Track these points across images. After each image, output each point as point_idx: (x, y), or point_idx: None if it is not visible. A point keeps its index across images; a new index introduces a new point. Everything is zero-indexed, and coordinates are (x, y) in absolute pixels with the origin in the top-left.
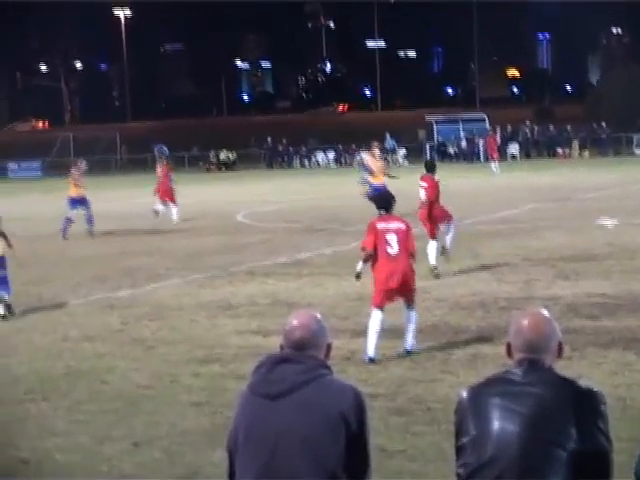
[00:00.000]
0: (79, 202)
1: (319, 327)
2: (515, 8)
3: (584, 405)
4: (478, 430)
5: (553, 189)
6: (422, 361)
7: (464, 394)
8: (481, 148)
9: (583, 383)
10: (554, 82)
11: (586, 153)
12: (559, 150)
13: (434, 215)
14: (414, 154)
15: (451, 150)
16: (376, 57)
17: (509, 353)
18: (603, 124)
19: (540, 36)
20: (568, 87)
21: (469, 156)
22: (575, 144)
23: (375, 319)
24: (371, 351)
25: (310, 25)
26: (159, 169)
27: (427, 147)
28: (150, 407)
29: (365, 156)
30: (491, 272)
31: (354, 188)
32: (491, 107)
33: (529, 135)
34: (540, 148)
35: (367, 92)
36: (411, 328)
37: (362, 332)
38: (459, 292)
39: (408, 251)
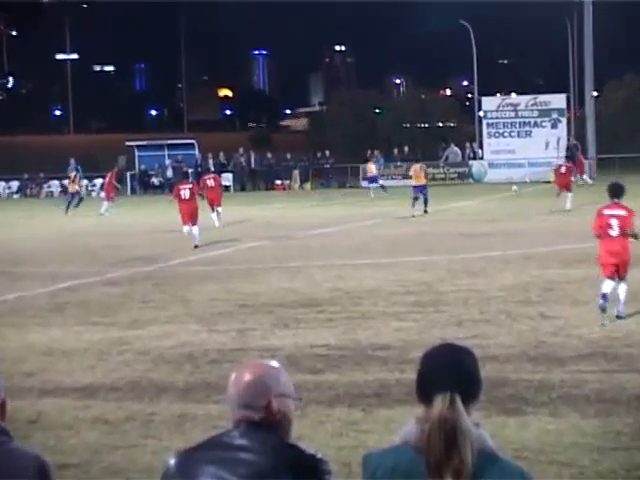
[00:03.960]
0: None
1: None
2: (228, 21)
3: (305, 475)
4: None
5: (271, 226)
6: (120, 424)
7: (171, 461)
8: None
9: (306, 449)
10: (272, 104)
11: (308, 185)
12: (278, 181)
13: None
14: None
15: (155, 180)
16: (68, 71)
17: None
18: (327, 152)
19: (256, 52)
20: (288, 110)
21: None
22: (296, 174)
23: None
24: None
25: None
26: None
27: (128, 176)
28: None
29: None
30: (201, 320)
31: (44, 225)
32: (201, 131)
33: (244, 164)
34: (256, 179)
35: (57, 112)
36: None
37: (51, 391)
38: (164, 344)
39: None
